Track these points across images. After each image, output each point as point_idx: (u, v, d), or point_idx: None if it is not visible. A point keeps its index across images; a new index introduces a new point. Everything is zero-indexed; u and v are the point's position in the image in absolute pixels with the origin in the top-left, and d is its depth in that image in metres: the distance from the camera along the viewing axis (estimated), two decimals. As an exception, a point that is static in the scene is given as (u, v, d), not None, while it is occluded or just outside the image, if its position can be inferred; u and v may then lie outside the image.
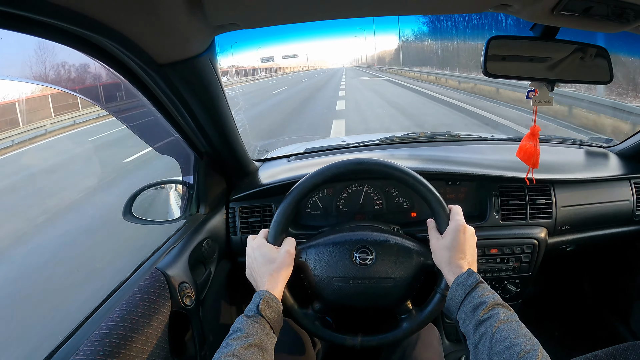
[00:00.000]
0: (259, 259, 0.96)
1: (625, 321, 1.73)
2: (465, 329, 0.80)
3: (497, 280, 1.38)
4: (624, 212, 1.46)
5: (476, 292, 0.81)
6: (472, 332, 0.77)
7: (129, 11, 0.66)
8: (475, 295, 0.81)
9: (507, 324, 0.74)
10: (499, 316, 0.75)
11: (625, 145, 1.60)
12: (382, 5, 0.84)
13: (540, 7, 0.79)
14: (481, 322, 0.76)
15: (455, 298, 0.84)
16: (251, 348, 0.77)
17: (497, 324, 0.74)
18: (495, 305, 0.78)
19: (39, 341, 2.51)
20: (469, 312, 0.79)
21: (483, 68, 0.97)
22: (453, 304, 0.84)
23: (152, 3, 0.66)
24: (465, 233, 0.93)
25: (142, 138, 1.17)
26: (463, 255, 0.90)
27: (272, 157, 1.71)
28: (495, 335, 0.72)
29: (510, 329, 0.73)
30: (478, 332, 0.75)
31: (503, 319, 0.75)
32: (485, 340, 0.73)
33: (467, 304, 0.81)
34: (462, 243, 0.91)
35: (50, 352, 0.81)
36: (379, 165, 1.01)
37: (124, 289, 0.98)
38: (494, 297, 0.80)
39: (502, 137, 1.82)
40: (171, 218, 1.29)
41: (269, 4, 0.77)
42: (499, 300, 0.80)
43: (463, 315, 0.81)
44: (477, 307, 0.79)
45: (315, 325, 1.03)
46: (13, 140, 8.46)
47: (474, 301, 0.80)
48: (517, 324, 0.75)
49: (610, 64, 1.01)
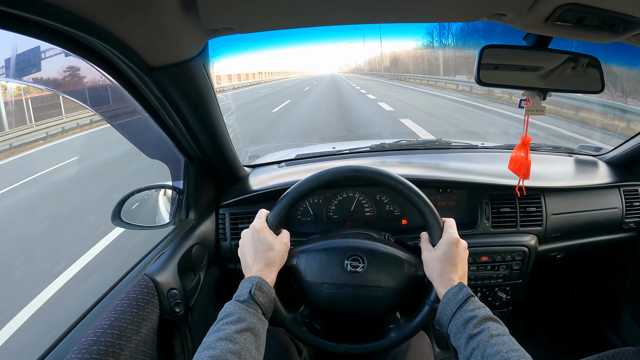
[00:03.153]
0: (256, 242, 0.93)
1: (615, 327, 1.74)
2: (457, 342, 0.80)
3: (488, 287, 1.38)
4: (613, 220, 1.48)
5: (467, 305, 0.81)
6: (464, 346, 0.77)
7: (122, 13, 0.65)
8: (466, 309, 0.81)
9: (499, 338, 0.74)
10: (490, 330, 0.75)
11: (615, 154, 1.62)
12: (377, 12, 0.84)
13: (534, 17, 0.79)
14: (472, 336, 0.76)
15: (446, 312, 0.84)
16: (245, 333, 0.75)
17: (489, 338, 0.74)
18: (487, 320, 0.78)
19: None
20: (460, 326, 0.80)
21: (476, 77, 0.97)
22: (444, 317, 0.84)
23: (146, 5, 0.65)
24: (458, 246, 0.92)
25: (132, 142, 1.15)
26: (454, 268, 0.90)
27: (263, 163, 1.70)
28: (487, 350, 0.72)
29: (501, 343, 0.73)
30: (469, 346, 0.76)
31: (494, 333, 0.75)
32: (476, 355, 0.74)
33: (458, 317, 0.81)
34: (454, 256, 0.91)
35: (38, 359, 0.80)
36: (375, 173, 1.01)
37: (112, 295, 0.97)
38: (485, 311, 0.81)
39: (492, 145, 1.83)
40: (160, 223, 1.27)
41: (265, 9, 0.77)
42: (490, 314, 0.80)
43: (454, 329, 0.81)
44: (468, 321, 0.79)
45: (302, 330, 1.03)
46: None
47: (465, 315, 0.80)
48: (509, 338, 0.75)
49: (601, 74, 1.02)
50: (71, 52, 0.71)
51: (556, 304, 2.04)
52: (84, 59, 0.75)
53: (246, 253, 0.94)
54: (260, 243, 0.93)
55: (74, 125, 10.95)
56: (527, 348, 0.73)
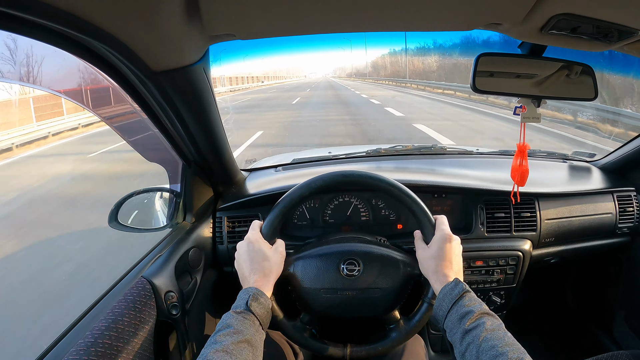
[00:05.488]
0: (252, 253, 0.94)
1: (609, 331, 1.75)
2: (452, 338, 0.80)
3: (482, 291, 1.39)
4: (606, 225, 1.49)
5: (463, 301, 0.82)
6: (459, 341, 0.78)
7: (126, 17, 0.65)
8: (461, 304, 0.82)
9: (494, 332, 0.75)
10: (485, 325, 0.76)
11: (608, 160, 1.64)
12: (377, 21, 0.85)
13: (530, 26, 0.81)
14: (468, 332, 0.77)
15: (442, 307, 0.85)
16: (241, 344, 0.76)
17: (484, 332, 0.75)
18: (482, 315, 0.79)
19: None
20: (455, 322, 0.80)
21: (472, 84, 0.99)
22: (440, 313, 0.85)
23: (150, 10, 0.65)
24: (451, 242, 0.94)
25: (131, 144, 1.16)
26: (449, 264, 0.91)
27: (260, 167, 1.71)
28: (482, 345, 0.73)
29: (497, 338, 0.73)
30: (465, 342, 0.76)
31: (489, 328, 0.76)
32: (472, 350, 0.74)
33: (453, 313, 0.82)
34: (448, 252, 0.92)
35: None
36: (364, 177, 1.02)
37: (109, 297, 0.97)
38: (481, 306, 0.81)
39: (487, 151, 1.84)
40: (157, 226, 1.27)
41: (268, 16, 0.78)
42: (486, 309, 0.81)
43: (450, 325, 0.82)
44: (463, 316, 0.79)
45: (304, 337, 1.03)
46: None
47: (460, 310, 0.81)
48: (504, 333, 0.76)
49: (595, 81, 1.03)
50: (74, 54, 0.72)
51: (550, 308, 2.06)
52: (87, 61, 0.75)
53: (242, 265, 0.95)
54: (256, 254, 0.94)
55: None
56: None
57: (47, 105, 11.06)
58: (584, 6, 0.73)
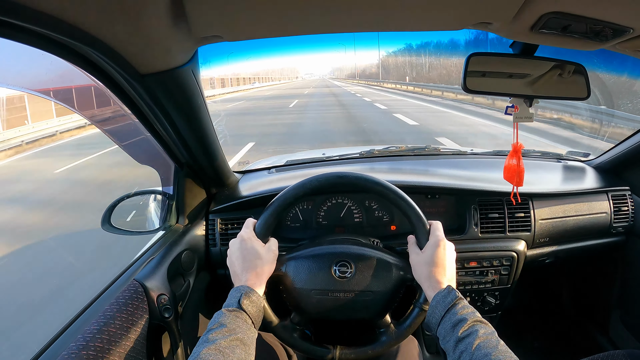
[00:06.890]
0: (244, 251, 0.93)
1: (604, 330, 1.75)
2: (446, 345, 0.80)
3: (477, 292, 1.39)
4: (601, 224, 1.49)
5: (455, 308, 0.82)
6: (452, 349, 0.77)
7: (112, 21, 0.65)
8: (454, 312, 0.81)
9: (487, 340, 0.74)
10: (478, 333, 0.76)
11: (603, 159, 1.64)
12: (365, 22, 0.85)
13: (520, 25, 0.80)
14: (461, 339, 0.76)
15: (435, 315, 0.84)
16: (234, 342, 0.75)
17: (477, 340, 0.74)
18: (475, 322, 0.78)
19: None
20: (448, 329, 0.80)
21: (463, 84, 0.98)
22: (433, 320, 0.85)
23: (135, 13, 0.65)
24: (445, 248, 0.93)
25: (122, 147, 1.15)
26: (442, 271, 0.90)
27: (253, 169, 1.71)
28: (475, 353, 0.73)
29: (490, 346, 0.73)
30: (458, 349, 0.76)
31: (482, 335, 0.75)
32: (465, 357, 0.74)
33: (446, 320, 0.81)
34: (442, 258, 0.91)
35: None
36: (359, 179, 1.01)
37: (101, 300, 0.97)
38: (474, 314, 0.81)
39: (481, 151, 1.84)
40: (150, 229, 1.27)
41: (254, 18, 0.77)
42: (479, 317, 0.81)
43: (443, 332, 0.81)
44: (456, 324, 0.79)
45: (294, 338, 1.02)
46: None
47: (453, 318, 0.80)
48: (497, 341, 0.75)
49: (587, 81, 1.03)
50: (62, 58, 0.71)
51: (546, 308, 2.06)
52: (75, 65, 0.75)
53: (235, 262, 0.94)
54: (249, 252, 0.93)
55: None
56: (517, 353, 0.74)
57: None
58: (574, 4, 0.72)
